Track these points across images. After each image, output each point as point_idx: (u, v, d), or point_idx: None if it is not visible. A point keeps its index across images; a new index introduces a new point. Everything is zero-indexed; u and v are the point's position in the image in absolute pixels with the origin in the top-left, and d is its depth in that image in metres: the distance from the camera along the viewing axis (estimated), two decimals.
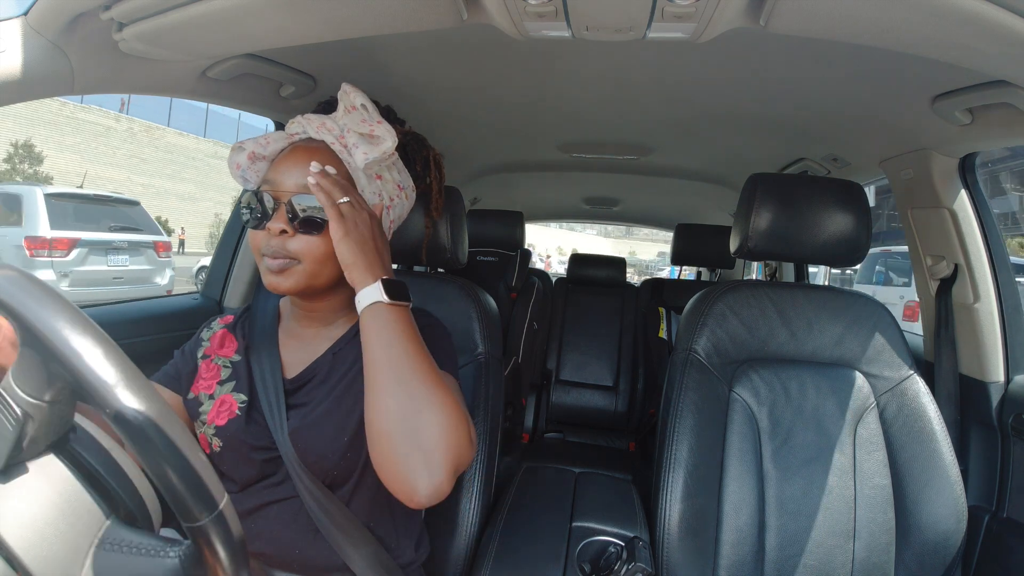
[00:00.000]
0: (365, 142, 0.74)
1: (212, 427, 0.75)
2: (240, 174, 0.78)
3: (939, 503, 0.94)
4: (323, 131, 0.75)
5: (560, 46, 0.98)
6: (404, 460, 0.61)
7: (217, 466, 0.75)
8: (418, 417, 0.62)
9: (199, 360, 0.81)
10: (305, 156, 0.72)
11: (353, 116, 0.76)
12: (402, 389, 0.63)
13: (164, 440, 0.39)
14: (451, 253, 1.12)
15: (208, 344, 0.82)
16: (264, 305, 0.84)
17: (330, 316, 0.81)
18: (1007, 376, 1.12)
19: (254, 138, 0.77)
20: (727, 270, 2.59)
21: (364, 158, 0.73)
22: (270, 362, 0.77)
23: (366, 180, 0.76)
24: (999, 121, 0.92)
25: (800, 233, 1.05)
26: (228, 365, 0.79)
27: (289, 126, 0.78)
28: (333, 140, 0.75)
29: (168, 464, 0.39)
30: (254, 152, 0.76)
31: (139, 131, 18.19)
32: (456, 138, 1.66)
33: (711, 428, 0.98)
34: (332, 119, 0.76)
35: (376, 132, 0.74)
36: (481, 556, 0.88)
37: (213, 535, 0.39)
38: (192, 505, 0.39)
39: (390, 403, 0.63)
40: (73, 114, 16.35)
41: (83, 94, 0.77)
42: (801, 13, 0.63)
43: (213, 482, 0.41)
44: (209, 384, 0.78)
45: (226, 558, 0.40)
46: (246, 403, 0.76)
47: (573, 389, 2.52)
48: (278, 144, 0.76)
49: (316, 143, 0.75)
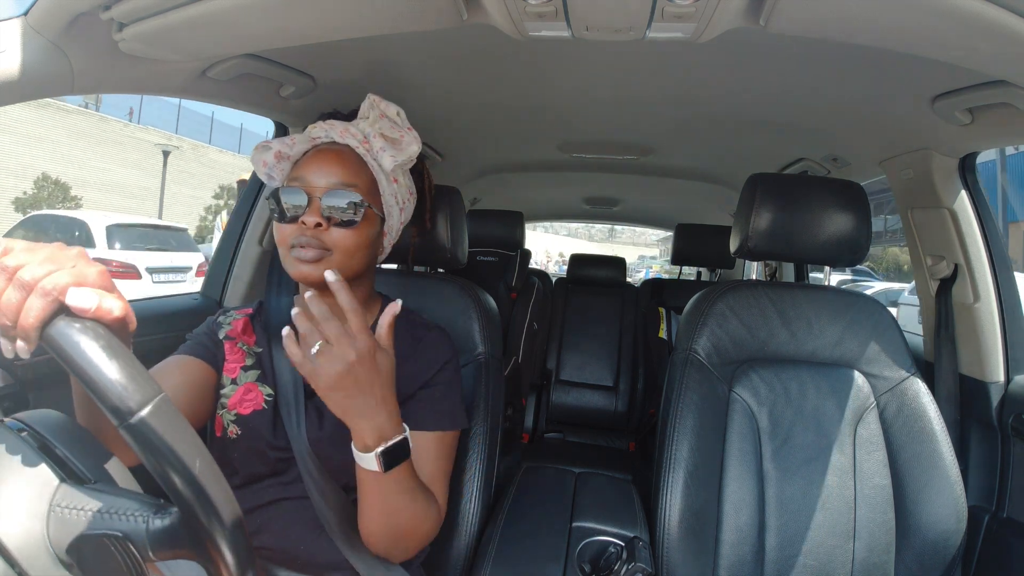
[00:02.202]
0: (391, 146, 0.79)
1: (233, 413, 0.76)
2: (266, 171, 0.82)
3: (939, 503, 0.94)
4: (347, 136, 0.79)
5: (560, 46, 0.98)
6: (383, 549, 0.73)
7: (228, 454, 0.76)
8: (400, 538, 0.72)
9: (223, 341, 0.81)
10: (334, 157, 0.76)
11: (384, 122, 0.81)
12: (389, 522, 0.70)
13: (76, 333, 0.38)
14: (451, 253, 1.12)
15: (230, 327, 0.83)
16: (278, 303, 0.86)
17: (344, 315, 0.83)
18: (1007, 376, 1.12)
19: (280, 139, 0.81)
20: (727, 270, 2.59)
21: (392, 161, 0.78)
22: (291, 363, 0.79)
23: (387, 183, 0.80)
24: (999, 121, 0.92)
25: (800, 233, 1.05)
26: (252, 353, 0.81)
27: (311, 129, 0.81)
28: (357, 144, 0.79)
29: (83, 360, 0.38)
30: (280, 152, 0.80)
31: (187, 149, 20.04)
32: (456, 138, 1.66)
33: (711, 428, 0.98)
34: (355, 125, 0.80)
35: (405, 138, 0.80)
36: (481, 556, 0.88)
37: (150, 432, 0.38)
38: (118, 400, 0.37)
39: (377, 526, 0.71)
40: (134, 134, 18.06)
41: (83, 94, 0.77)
42: (801, 13, 0.63)
43: (144, 376, 0.39)
44: (233, 368, 0.79)
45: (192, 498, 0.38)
46: (272, 397, 0.77)
47: (573, 389, 2.52)
48: (303, 146, 0.80)
49: (340, 146, 0.79)
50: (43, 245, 0.42)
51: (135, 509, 0.41)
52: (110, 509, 0.40)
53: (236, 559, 0.39)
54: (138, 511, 0.41)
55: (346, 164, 0.76)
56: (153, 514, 0.40)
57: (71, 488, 0.42)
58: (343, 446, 0.72)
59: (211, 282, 1.40)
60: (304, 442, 0.74)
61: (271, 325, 0.83)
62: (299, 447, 0.74)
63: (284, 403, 0.76)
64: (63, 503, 0.41)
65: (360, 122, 0.81)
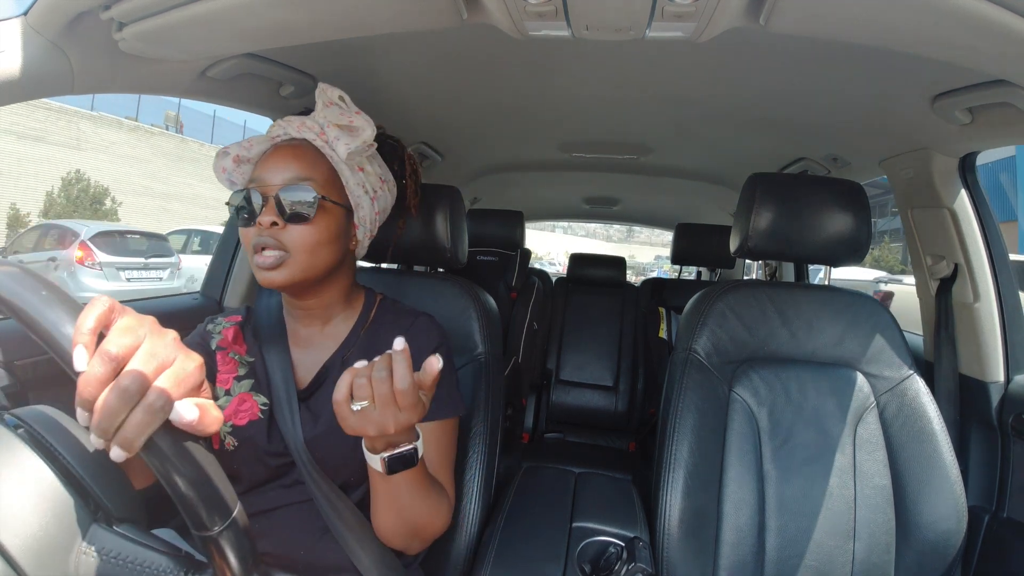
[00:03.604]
0: (345, 134, 0.77)
1: (229, 425, 0.75)
2: (227, 177, 0.81)
3: (939, 503, 0.94)
4: (304, 129, 0.78)
5: (560, 46, 0.98)
6: (400, 544, 0.74)
7: (227, 464, 0.75)
8: (415, 533, 0.73)
9: (214, 352, 0.80)
10: (289, 153, 0.75)
11: (332, 110, 0.79)
12: (402, 518, 0.70)
13: (177, 448, 0.38)
14: (451, 253, 1.12)
15: (222, 336, 0.82)
16: (268, 303, 0.85)
17: (327, 313, 0.82)
18: (1007, 376, 1.12)
19: (237, 143, 0.79)
20: (727, 270, 2.59)
21: (346, 148, 0.77)
22: (283, 367, 0.78)
23: (349, 172, 0.79)
24: (999, 121, 0.92)
25: (800, 233, 1.05)
26: (244, 363, 0.80)
27: (270, 129, 0.80)
28: (314, 137, 0.78)
29: (180, 473, 0.38)
30: (239, 155, 0.79)
31: None
32: (456, 138, 1.66)
33: (711, 428, 0.98)
34: (311, 118, 0.79)
35: (355, 123, 0.78)
36: (481, 556, 0.88)
37: (225, 545, 0.39)
38: (205, 515, 0.38)
39: (391, 523, 0.71)
40: (208, 153, 19.09)
41: (83, 94, 0.77)
42: (801, 13, 0.63)
43: (227, 491, 0.41)
44: (226, 379, 0.78)
45: (238, 567, 0.40)
46: (267, 406, 0.76)
47: (573, 389, 2.52)
48: (261, 146, 0.79)
49: (298, 141, 0.78)
50: (140, 321, 0.41)
51: (168, 569, 0.41)
52: (142, 563, 0.41)
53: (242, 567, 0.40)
54: (171, 571, 0.41)
55: (301, 158, 0.75)
56: (185, 573, 0.41)
57: (101, 530, 0.42)
58: (337, 446, 0.72)
59: (211, 282, 1.40)
60: (300, 442, 0.74)
61: (261, 329, 0.82)
62: (296, 447, 0.74)
63: (278, 407, 0.76)
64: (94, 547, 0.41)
65: (316, 114, 0.79)
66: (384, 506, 0.69)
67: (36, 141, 14.57)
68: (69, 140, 15.54)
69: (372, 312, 0.85)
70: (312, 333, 0.82)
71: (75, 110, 16.36)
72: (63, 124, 16.06)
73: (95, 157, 15.78)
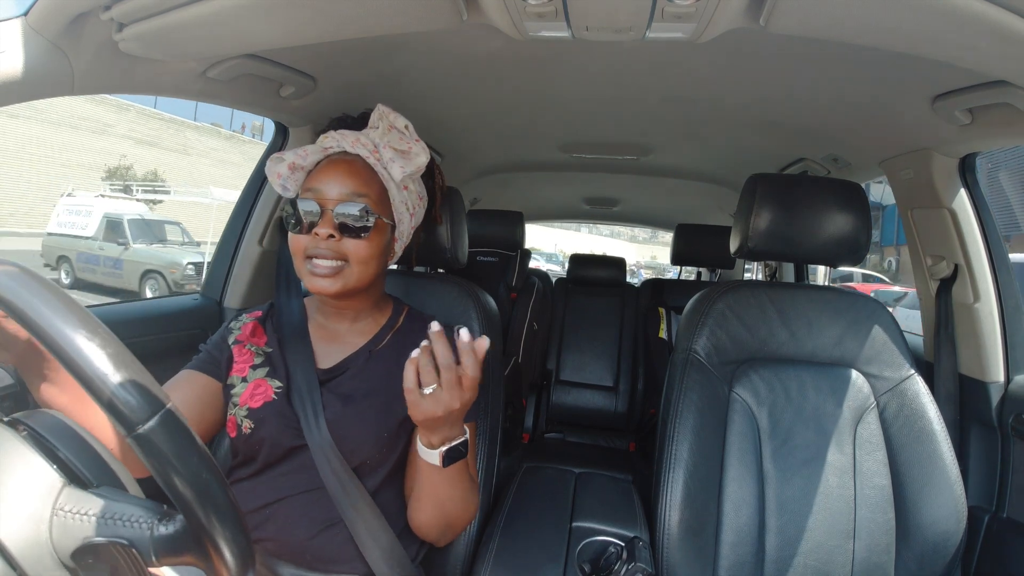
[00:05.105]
0: (401, 157, 0.81)
1: (244, 409, 0.78)
2: (281, 183, 0.84)
3: (939, 503, 0.94)
4: (358, 146, 0.81)
5: (560, 46, 0.98)
6: (435, 536, 0.81)
7: (242, 448, 0.79)
8: (450, 525, 0.79)
9: (231, 346, 0.84)
10: (344, 168, 0.79)
11: (393, 135, 0.83)
12: (442, 511, 0.77)
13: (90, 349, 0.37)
14: (451, 253, 1.12)
15: (240, 331, 0.86)
16: (288, 303, 0.89)
17: (358, 313, 0.87)
18: (1007, 376, 1.12)
19: (293, 150, 0.82)
20: (727, 270, 2.59)
21: (401, 171, 0.81)
22: (303, 354, 0.82)
23: (397, 191, 0.83)
24: (999, 121, 0.92)
25: (800, 233, 1.05)
26: (261, 353, 0.83)
27: (323, 140, 0.82)
28: (367, 154, 0.81)
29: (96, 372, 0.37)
30: (294, 163, 0.82)
31: None
32: (456, 138, 1.66)
33: (711, 428, 0.98)
34: (365, 135, 0.82)
35: (413, 149, 0.82)
36: (481, 556, 0.88)
37: (158, 439, 0.38)
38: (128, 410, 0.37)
39: (431, 516, 0.77)
40: None
41: (83, 94, 0.77)
42: (801, 13, 0.63)
43: (154, 385, 0.39)
44: (242, 367, 0.82)
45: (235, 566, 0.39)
46: (282, 388, 0.79)
47: (573, 389, 2.52)
48: (315, 156, 0.82)
49: (352, 156, 0.81)
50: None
51: (140, 516, 0.41)
52: (115, 515, 0.40)
53: (238, 563, 0.39)
54: (143, 518, 0.41)
55: (357, 175, 0.78)
56: (158, 521, 0.40)
57: (75, 491, 0.42)
58: (356, 426, 0.76)
59: (211, 282, 1.39)
60: (323, 433, 0.76)
61: (282, 326, 0.86)
62: (315, 439, 0.76)
63: (298, 397, 0.78)
64: (67, 507, 0.41)
65: (371, 132, 0.83)
66: (429, 499, 0.76)
67: (150, 146, 17.88)
68: (177, 146, 19.04)
69: (400, 318, 0.90)
70: (339, 329, 0.86)
71: (182, 120, 19.30)
72: (172, 131, 18.95)
73: (199, 161, 19.15)
